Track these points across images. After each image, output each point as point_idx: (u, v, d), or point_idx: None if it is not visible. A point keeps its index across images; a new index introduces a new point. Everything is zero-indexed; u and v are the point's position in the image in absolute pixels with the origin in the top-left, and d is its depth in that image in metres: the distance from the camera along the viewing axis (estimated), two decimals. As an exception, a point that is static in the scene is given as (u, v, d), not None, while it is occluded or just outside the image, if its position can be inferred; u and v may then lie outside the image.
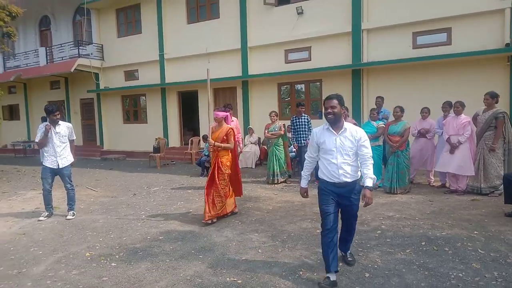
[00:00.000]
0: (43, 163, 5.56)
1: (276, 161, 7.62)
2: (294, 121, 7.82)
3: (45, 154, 5.52)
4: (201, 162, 9.19)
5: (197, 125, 13.34)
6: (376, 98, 7.88)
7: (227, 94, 12.52)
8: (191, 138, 12.44)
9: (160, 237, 4.50)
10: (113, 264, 3.75)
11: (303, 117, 7.73)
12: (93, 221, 5.33)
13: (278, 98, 11.44)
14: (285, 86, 11.51)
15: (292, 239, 4.28)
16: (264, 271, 3.43)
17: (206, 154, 8.88)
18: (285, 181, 7.69)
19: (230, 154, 5.16)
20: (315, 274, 3.32)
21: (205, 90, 12.74)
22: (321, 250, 3.19)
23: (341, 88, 10.31)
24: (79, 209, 6.04)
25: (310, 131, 7.49)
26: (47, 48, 15.22)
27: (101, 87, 14.83)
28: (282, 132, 7.73)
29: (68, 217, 5.57)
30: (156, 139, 13.67)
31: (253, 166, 10.34)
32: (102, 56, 14.77)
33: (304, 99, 11.28)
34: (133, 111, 14.89)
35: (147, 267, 3.65)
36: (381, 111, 7.54)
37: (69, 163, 5.66)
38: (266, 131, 7.84)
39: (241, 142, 7.71)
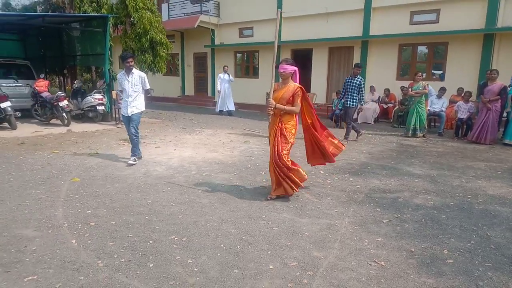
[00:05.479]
0: (121, 111, 5.84)
1: (417, 117, 8.45)
2: (347, 81, 7.90)
3: (123, 102, 5.72)
4: (334, 114, 10.34)
5: (308, 82, 14.31)
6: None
7: (342, 53, 13.22)
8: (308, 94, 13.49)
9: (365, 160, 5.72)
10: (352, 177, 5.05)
11: (357, 79, 7.76)
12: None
13: (398, 60, 11.92)
14: (406, 48, 11.92)
15: (480, 176, 5.26)
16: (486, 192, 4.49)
17: (339, 108, 9.92)
18: (423, 136, 8.54)
19: (295, 120, 4.24)
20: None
21: (320, 49, 13.75)
22: None
23: (469, 52, 10.61)
24: (264, 144, 7.49)
25: (361, 95, 7.77)
26: (169, 4, 16.71)
27: (216, 43, 16.20)
28: (426, 91, 8.45)
29: (130, 162, 5.58)
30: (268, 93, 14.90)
31: (372, 122, 11.23)
32: (218, 13, 15.98)
33: (426, 61, 11.68)
34: (245, 66, 16.19)
35: (361, 177, 4.89)
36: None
37: (139, 111, 5.69)
38: (409, 89, 8.60)
39: None
